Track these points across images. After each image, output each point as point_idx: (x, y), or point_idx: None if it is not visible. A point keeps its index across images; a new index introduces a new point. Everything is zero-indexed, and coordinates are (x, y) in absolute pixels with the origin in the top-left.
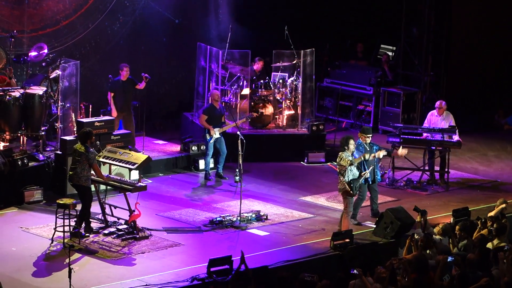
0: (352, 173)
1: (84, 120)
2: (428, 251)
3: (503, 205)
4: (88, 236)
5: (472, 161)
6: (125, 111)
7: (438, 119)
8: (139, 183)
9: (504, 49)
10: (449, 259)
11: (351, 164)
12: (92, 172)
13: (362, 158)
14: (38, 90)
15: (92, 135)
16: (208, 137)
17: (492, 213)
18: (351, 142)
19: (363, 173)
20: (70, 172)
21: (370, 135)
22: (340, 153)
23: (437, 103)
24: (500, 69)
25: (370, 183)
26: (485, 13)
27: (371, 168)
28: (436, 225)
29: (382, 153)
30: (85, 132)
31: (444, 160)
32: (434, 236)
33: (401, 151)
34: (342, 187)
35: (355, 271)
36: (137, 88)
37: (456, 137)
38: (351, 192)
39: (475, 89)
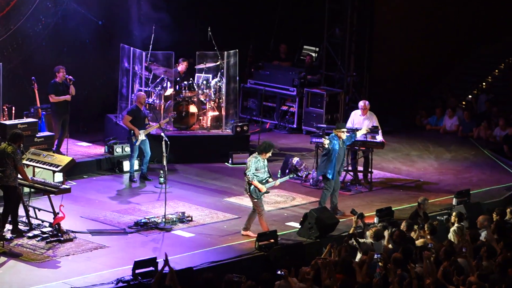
0: (258, 178)
1: (7, 122)
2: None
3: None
4: (12, 240)
5: (395, 161)
6: (66, 114)
7: (361, 118)
8: (63, 185)
9: (427, 49)
10: (375, 256)
11: (247, 177)
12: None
13: (258, 186)
14: None
15: (23, 138)
16: (134, 140)
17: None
18: (271, 151)
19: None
20: None
21: (345, 129)
22: (253, 155)
23: (361, 104)
24: (423, 70)
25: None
26: (408, 14)
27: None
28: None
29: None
30: (17, 133)
31: (367, 160)
32: (366, 239)
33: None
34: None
35: (280, 271)
36: (71, 94)
37: (379, 138)
38: (248, 192)
39: (398, 89)
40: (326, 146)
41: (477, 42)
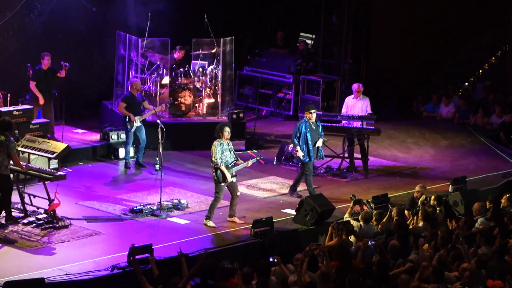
0: (224, 160)
1: (2, 109)
2: (350, 237)
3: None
4: (7, 226)
5: (392, 148)
6: (46, 100)
7: (354, 101)
8: (59, 172)
9: (424, 36)
10: (370, 243)
11: (215, 164)
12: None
13: (226, 173)
14: None
15: (12, 125)
16: (129, 126)
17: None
18: (226, 129)
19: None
20: None
21: (314, 111)
22: (215, 142)
23: (356, 86)
24: (420, 56)
25: (313, 159)
26: (406, 1)
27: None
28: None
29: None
30: (5, 121)
31: (363, 148)
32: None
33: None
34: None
35: (273, 259)
36: (59, 76)
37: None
38: (215, 177)
39: (394, 76)
40: (301, 158)
41: (475, 30)
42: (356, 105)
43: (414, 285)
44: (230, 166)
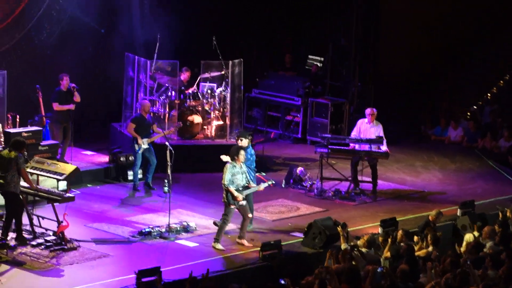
0: (235, 185)
1: (12, 130)
2: (353, 263)
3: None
4: (16, 248)
5: (400, 171)
6: (67, 122)
7: (368, 126)
8: (67, 194)
9: (432, 60)
10: (379, 269)
11: (224, 185)
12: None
13: (235, 194)
14: None
15: (25, 145)
16: (136, 147)
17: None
18: (242, 153)
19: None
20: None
21: (241, 138)
22: (228, 163)
23: (369, 110)
24: (428, 80)
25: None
26: (413, 24)
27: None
28: (362, 236)
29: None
30: (19, 141)
31: (375, 170)
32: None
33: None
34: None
35: (283, 281)
36: (75, 101)
37: (384, 148)
38: (225, 199)
39: (403, 99)
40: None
41: (483, 54)
42: (369, 131)
43: None
44: (241, 189)
